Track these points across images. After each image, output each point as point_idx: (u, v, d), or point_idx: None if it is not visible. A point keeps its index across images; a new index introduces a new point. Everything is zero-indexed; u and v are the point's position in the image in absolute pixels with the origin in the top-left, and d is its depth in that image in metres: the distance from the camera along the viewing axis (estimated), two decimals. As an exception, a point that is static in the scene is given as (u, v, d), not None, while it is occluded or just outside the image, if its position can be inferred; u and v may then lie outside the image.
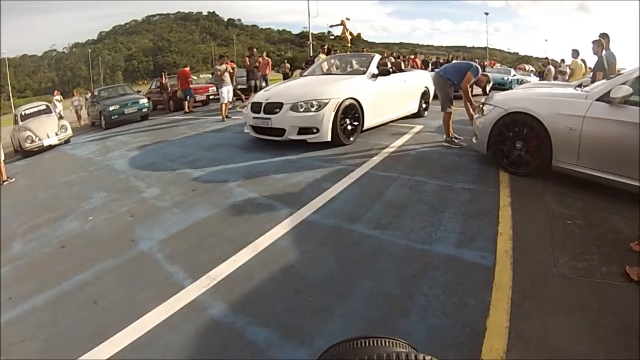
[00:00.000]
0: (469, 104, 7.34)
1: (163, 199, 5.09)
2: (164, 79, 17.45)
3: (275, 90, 8.09)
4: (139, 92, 19.62)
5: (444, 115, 6.96)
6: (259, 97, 7.86)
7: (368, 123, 7.66)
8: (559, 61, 18.30)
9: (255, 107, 7.42)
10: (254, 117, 7.39)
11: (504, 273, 3.00)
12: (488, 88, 7.97)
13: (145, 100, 15.94)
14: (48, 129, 11.54)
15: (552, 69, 18.31)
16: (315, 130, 6.76)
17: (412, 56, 21.99)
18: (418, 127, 8.54)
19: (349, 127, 7.15)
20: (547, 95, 5.21)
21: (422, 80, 10.23)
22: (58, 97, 15.84)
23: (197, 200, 4.91)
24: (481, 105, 5.74)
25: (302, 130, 6.85)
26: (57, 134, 11.54)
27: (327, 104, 6.73)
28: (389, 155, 6.35)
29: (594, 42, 7.49)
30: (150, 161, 7.39)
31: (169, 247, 3.82)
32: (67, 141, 12.00)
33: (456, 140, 6.81)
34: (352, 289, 2.93)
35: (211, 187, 5.31)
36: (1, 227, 5.08)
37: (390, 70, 8.91)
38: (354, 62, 9.47)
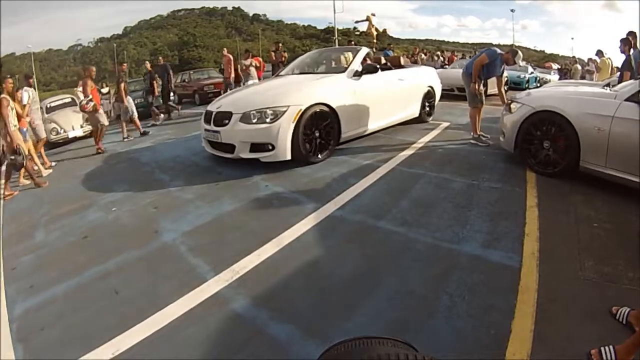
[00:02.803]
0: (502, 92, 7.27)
1: (187, 192, 5.12)
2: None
3: (233, 95, 6.89)
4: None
5: (470, 111, 6.89)
6: (213, 104, 6.57)
7: (347, 134, 6.47)
8: (586, 60, 17.96)
9: (207, 116, 6.17)
10: (205, 129, 6.19)
11: (530, 275, 2.95)
12: (505, 89, 7.58)
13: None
14: (73, 121, 11.67)
15: (579, 67, 17.97)
16: (270, 147, 5.47)
17: (449, 53, 21.86)
18: (445, 124, 8.51)
19: (319, 141, 5.89)
20: (576, 94, 5.10)
21: (424, 78, 8.91)
22: (80, 88, 15.82)
23: (221, 193, 4.93)
24: (509, 103, 5.65)
25: (255, 147, 5.55)
26: (82, 126, 11.65)
27: (284, 112, 5.43)
28: (416, 152, 6.31)
29: (622, 40, 7.34)
30: (175, 154, 7.45)
31: (193, 240, 3.84)
32: (91, 133, 12.14)
33: (483, 139, 6.73)
34: (376, 286, 2.91)
35: (236, 180, 5.32)
36: (25, 217, 5.18)
37: (378, 66, 7.12)
38: (341, 57, 8.09)
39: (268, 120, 5.41)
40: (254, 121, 5.44)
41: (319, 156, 5.90)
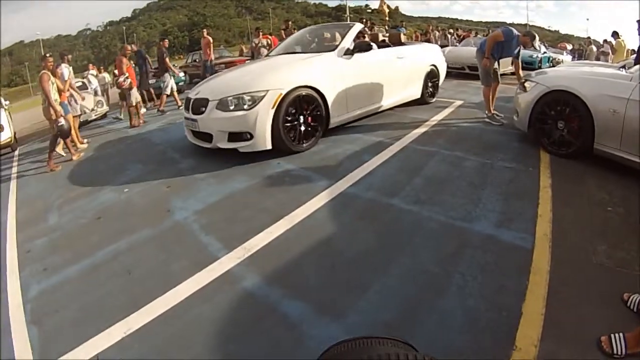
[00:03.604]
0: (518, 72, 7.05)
1: (199, 170, 5.13)
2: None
3: (213, 80, 6.35)
4: (174, 66, 19.73)
5: (483, 90, 6.82)
6: (193, 90, 6.18)
7: (337, 119, 5.99)
8: (602, 41, 17.65)
9: (186, 104, 5.75)
10: (185, 118, 5.80)
11: (542, 257, 2.94)
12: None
13: (181, 74, 15.98)
14: (84, 105, 11.72)
15: (595, 48, 17.68)
16: (248, 136, 5.04)
17: (464, 32, 21.59)
18: (459, 102, 8.40)
19: (303, 128, 5.42)
20: (591, 75, 4.95)
21: (427, 56, 8.26)
22: (93, 71, 15.44)
23: (232, 171, 4.94)
24: (523, 82, 5.58)
25: (233, 136, 5.13)
26: (93, 110, 11.67)
27: (262, 98, 4.95)
28: (429, 130, 6.27)
29: (639, 22, 7.18)
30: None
31: (204, 218, 3.86)
32: (103, 116, 12.16)
33: (497, 117, 6.65)
34: (389, 264, 2.92)
35: (247, 158, 5.28)
36: (39, 199, 5.23)
37: (371, 44, 6.67)
38: (336, 34, 7.04)
39: (246, 106, 4.95)
40: (232, 108, 5.00)
41: (304, 144, 5.45)
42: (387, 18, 25.68)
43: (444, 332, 2.28)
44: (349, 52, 6.11)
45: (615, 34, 11.39)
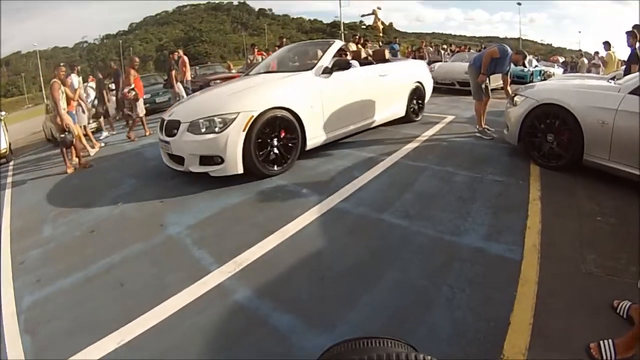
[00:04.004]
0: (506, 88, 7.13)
1: (193, 185, 5.14)
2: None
3: (188, 101, 6.22)
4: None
5: (475, 105, 6.91)
6: (167, 111, 6.00)
7: (314, 140, 5.72)
8: (593, 53, 17.90)
9: (160, 125, 5.56)
10: (159, 139, 5.58)
11: (531, 268, 2.97)
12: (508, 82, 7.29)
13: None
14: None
15: (586, 61, 17.91)
16: (219, 160, 4.85)
17: (457, 47, 21.74)
18: (450, 117, 8.50)
19: (276, 151, 5.20)
20: (580, 87, 5.06)
21: (412, 73, 8.12)
22: (92, 83, 15.26)
23: (225, 186, 4.95)
24: (513, 96, 5.66)
25: (205, 160, 4.93)
26: (88, 123, 11.69)
27: (233, 120, 4.76)
28: (420, 145, 6.33)
29: (628, 33, 7.29)
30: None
31: (197, 233, 3.88)
32: (98, 129, 12.16)
33: (488, 132, 6.73)
34: (378, 278, 2.94)
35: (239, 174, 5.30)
36: (33, 211, 5.24)
37: (350, 61, 6.54)
38: (317, 51, 6.64)
39: (217, 129, 4.76)
40: (203, 131, 4.81)
41: (275, 168, 5.20)
42: (381, 34, 25.85)
43: (433, 343, 2.29)
44: (327, 71, 5.89)
45: (606, 44, 11.48)
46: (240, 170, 4.88)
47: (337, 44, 6.55)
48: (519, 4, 72.68)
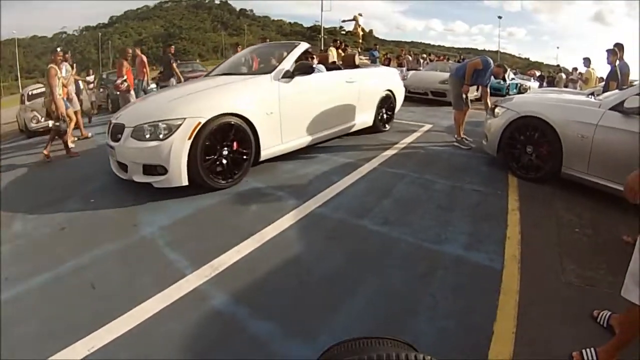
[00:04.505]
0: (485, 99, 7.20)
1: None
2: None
3: (139, 103, 5.82)
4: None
5: (455, 114, 6.95)
6: (117, 112, 5.55)
7: (270, 150, 5.30)
8: (571, 69, 18.28)
9: (108, 127, 5.11)
10: (106, 143, 5.11)
11: (512, 278, 2.98)
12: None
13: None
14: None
15: (564, 76, 18.26)
16: (162, 170, 4.40)
17: (436, 57, 21.88)
18: (427, 126, 8.55)
19: (227, 162, 4.74)
20: (561, 101, 5.17)
21: (382, 81, 7.82)
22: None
23: (202, 187, 4.78)
24: (493, 107, 5.70)
25: (148, 169, 4.46)
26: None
27: (178, 127, 4.31)
28: (398, 152, 6.34)
29: (609, 51, 7.49)
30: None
31: (172, 234, 3.75)
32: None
33: (466, 142, 6.79)
34: (358, 285, 2.89)
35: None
36: (3, 206, 5.03)
37: (313, 65, 6.08)
38: (284, 53, 6.03)
39: (161, 136, 4.30)
40: (147, 137, 4.35)
41: (222, 181, 4.71)
42: (361, 40, 25.97)
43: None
44: (288, 75, 5.46)
45: (587, 61, 11.71)
46: (185, 182, 4.44)
47: (302, 46, 6.15)
48: (500, 17, 74.04)
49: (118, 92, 9.68)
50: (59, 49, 7.36)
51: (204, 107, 4.52)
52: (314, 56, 7.47)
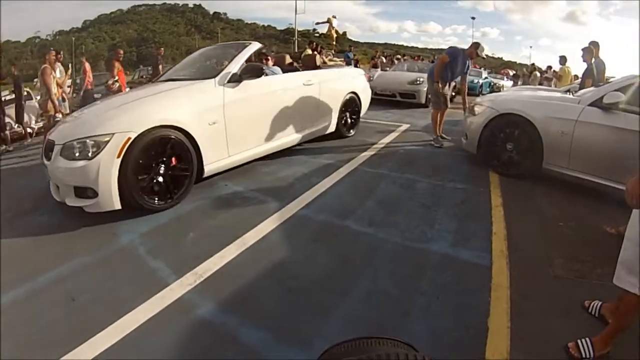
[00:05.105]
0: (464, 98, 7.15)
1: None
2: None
3: (73, 115, 5.17)
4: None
5: (432, 113, 6.98)
6: (56, 126, 5.06)
7: (214, 165, 4.69)
8: (546, 68, 18.59)
9: (42, 145, 4.64)
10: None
11: (501, 273, 3.00)
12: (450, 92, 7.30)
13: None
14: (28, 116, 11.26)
15: (538, 74, 18.56)
16: (91, 193, 3.82)
17: (410, 58, 21.98)
18: (405, 126, 8.58)
19: (165, 180, 4.15)
20: (540, 98, 5.25)
21: (344, 82, 7.24)
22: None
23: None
24: (473, 106, 5.73)
25: (79, 191, 3.89)
26: (37, 122, 11.20)
27: (107, 143, 3.74)
28: (377, 153, 6.35)
29: (584, 49, 7.59)
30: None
31: (152, 241, 3.61)
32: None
33: (440, 139, 6.87)
34: (348, 288, 2.84)
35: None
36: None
37: (263, 67, 5.46)
38: (231, 55, 5.33)
39: (89, 154, 3.74)
40: (77, 155, 3.80)
41: (160, 202, 4.15)
42: (334, 42, 26.09)
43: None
44: (235, 79, 4.87)
45: (562, 59, 11.88)
46: (117, 206, 3.89)
47: (253, 46, 5.52)
48: (473, 18, 75.27)
49: (109, 92, 9.32)
50: (52, 49, 7.57)
51: (135, 120, 3.95)
52: (269, 57, 7.27)
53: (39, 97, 10.92)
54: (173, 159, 4.18)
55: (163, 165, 4.11)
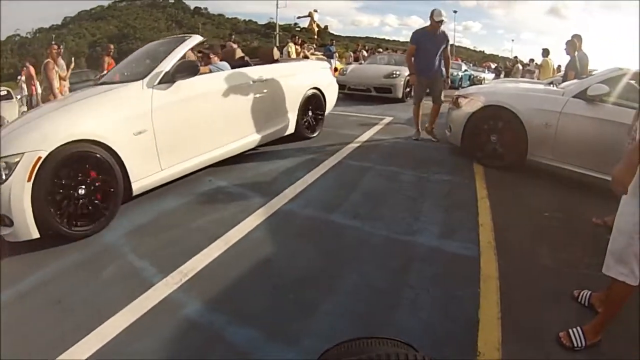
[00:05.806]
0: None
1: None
2: None
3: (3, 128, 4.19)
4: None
5: (414, 107, 6.88)
6: None
7: (144, 182, 4.04)
8: (528, 60, 18.79)
9: None
10: None
11: (490, 264, 3.01)
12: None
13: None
14: (7, 116, 11.14)
15: (520, 67, 18.75)
16: (8, 221, 3.20)
17: (392, 52, 21.82)
18: (388, 119, 8.58)
19: (86, 203, 3.50)
20: (524, 90, 5.30)
21: (305, 77, 6.45)
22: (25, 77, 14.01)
23: (161, 189, 4.44)
24: (456, 98, 5.72)
25: None
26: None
27: (17, 164, 3.13)
28: (361, 146, 6.34)
29: (568, 42, 7.64)
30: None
31: (135, 240, 3.53)
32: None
33: (419, 135, 6.84)
34: (335, 283, 2.81)
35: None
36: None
37: (197, 65, 4.65)
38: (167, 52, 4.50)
39: (3, 177, 3.14)
40: None
41: (84, 227, 3.54)
42: (316, 37, 26.07)
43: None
44: (167, 79, 4.19)
45: (545, 51, 11.96)
46: (35, 235, 3.29)
47: (193, 39, 4.74)
48: (455, 12, 75.74)
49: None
50: (53, 43, 7.78)
51: (45, 136, 3.32)
52: (218, 53, 5.91)
53: (25, 94, 10.81)
54: (95, 177, 3.58)
55: (84, 186, 3.50)
